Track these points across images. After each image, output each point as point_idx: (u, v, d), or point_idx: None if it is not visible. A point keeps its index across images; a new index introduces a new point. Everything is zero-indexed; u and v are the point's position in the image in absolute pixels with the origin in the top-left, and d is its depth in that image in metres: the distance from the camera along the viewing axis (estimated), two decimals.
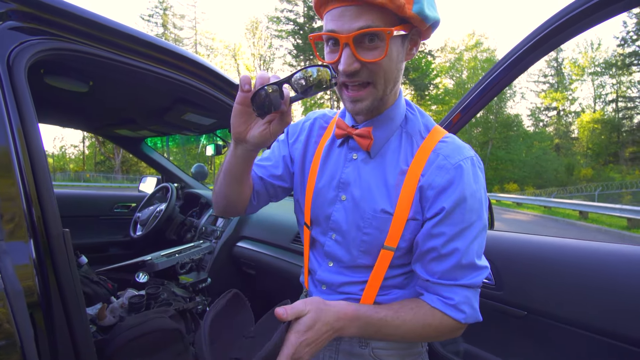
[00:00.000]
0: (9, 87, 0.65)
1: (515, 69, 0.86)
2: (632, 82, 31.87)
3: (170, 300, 1.04)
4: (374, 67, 0.53)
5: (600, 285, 0.68)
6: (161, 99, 1.36)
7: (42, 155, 0.67)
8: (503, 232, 0.95)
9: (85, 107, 1.58)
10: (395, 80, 0.58)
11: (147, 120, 1.73)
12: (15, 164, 0.60)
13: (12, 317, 0.51)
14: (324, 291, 0.69)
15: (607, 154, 33.04)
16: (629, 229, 8.68)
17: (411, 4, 0.50)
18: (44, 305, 0.60)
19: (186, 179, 2.57)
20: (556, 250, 0.78)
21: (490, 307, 0.88)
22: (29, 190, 0.62)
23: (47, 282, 0.61)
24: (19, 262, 0.55)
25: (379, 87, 0.56)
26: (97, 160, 35.85)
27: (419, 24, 0.53)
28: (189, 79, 1.04)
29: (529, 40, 0.82)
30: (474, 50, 34.77)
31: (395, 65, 0.56)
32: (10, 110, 0.64)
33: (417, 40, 0.59)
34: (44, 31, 0.74)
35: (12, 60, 0.67)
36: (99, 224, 2.34)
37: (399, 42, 0.54)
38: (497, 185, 29.38)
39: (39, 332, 0.56)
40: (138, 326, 0.86)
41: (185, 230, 2.15)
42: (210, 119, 1.57)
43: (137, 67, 0.91)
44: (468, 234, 0.56)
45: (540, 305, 0.77)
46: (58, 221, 0.65)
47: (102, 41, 0.84)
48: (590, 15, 0.72)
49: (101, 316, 0.94)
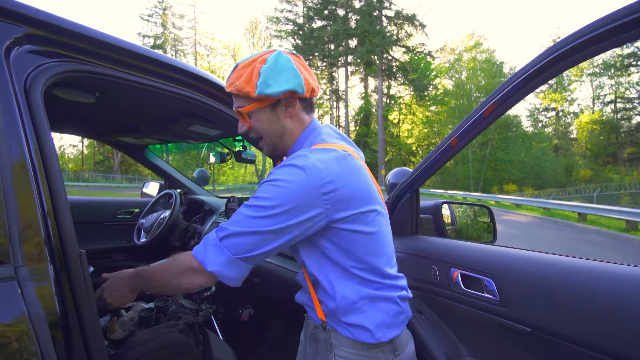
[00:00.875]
0: (26, 110, 0.67)
1: (510, 100, 0.88)
2: (630, 83, 31.96)
3: (179, 313, 1.06)
4: (254, 129, 0.79)
5: (605, 306, 0.70)
6: (168, 112, 1.37)
7: (59, 177, 0.69)
8: (508, 249, 0.96)
9: (91, 117, 1.59)
10: (277, 133, 0.79)
11: (153, 130, 1.75)
12: (34, 188, 0.62)
13: (37, 342, 0.52)
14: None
15: (605, 155, 33.14)
16: (627, 230, 8.73)
17: (254, 89, 0.72)
18: (63, 325, 0.61)
19: (189, 184, 2.59)
20: (562, 269, 0.80)
21: (494, 323, 0.89)
22: (47, 212, 0.63)
23: (65, 302, 0.62)
24: (40, 286, 0.57)
25: (267, 139, 0.80)
26: (96, 160, 35.81)
27: (268, 100, 0.74)
28: (196, 94, 1.05)
29: (524, 71, 0.84)
30: (473, 51, 34.79)
31: (268, 125, 0.78)
32: (28, 133, 0.65)
33: (290, 102, 0.77)
34: (60, 54, 0.75)
35: (30, 84, 0.69)
36: (103, 230, 2.35)
37: (267, 110, 0.76)
38: (496, 186, 29.41)
39: (59, 351, 0.58)
40: (150, 341, 0.87)
41: (189, 237, 2.16)
42: (216, 130, 1.58)
43: (147, 85, 0.93)
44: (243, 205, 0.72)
45: (545, 322, 0.79)
46: (75, 243, 0.67)
47: (114, 61, 0.85)
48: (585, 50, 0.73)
49: (112, 330, 0.95)
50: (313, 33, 33.06)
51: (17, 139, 0.62)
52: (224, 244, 0.68)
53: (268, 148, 0.83)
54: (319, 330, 0.81)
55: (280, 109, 0.77)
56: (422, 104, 34.76)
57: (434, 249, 1.12)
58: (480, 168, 31.17)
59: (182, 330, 0.97)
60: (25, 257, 0.56)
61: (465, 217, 1.75)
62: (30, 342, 0.52)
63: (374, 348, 0.75)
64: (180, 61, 1.03)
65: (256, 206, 0.67)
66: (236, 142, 1.85)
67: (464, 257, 1.03)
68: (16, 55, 0.68)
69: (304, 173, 0.66)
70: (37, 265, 0.58)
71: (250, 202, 0.69)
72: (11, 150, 0.60)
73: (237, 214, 0.69)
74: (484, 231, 1.59)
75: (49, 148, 0.68)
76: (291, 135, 0.80)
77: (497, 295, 0.89)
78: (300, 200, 0.66)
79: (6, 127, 0.61)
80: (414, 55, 32.83)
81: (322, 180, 0.67)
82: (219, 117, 1.12)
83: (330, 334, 0.78)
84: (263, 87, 0.71)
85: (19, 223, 0.56)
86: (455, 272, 1.03)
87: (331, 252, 0.73)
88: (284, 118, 0.78)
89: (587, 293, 0.73)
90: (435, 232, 1.28)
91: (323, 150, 0.71)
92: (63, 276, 0.63)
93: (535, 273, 0.83)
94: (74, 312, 0.64)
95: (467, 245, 1.08)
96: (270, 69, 0.72)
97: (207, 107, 1.09)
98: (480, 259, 0.98)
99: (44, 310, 0.55)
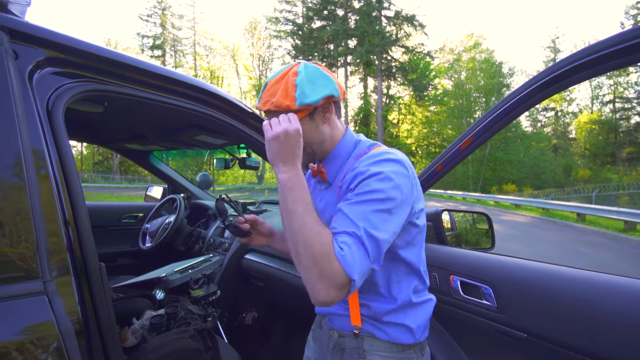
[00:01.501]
0: (49, 130, 0.70)
1: (508, 116, 0.93)
2: (629, 83, 32.10)
3: (188, 319, 1.10)
4: None
5: (597, 314, 0.74)
6: (176, 124, 1.41)
7: (79, 190, 0.72)
8: (506, 257, 1.00)
9: (99, 126, 1.63)
10: (318, 140, 0.80)
11: (159, 139, 1.79)
12: (57, 204, 0.66)
13: (65, 352, 0.56)
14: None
15: (604, 155, 33.24)
16: (626, 231, 8.78)
17: (293, 101, 0.72)
18: (86, 335, 0.65)
19: (192, 188, 2.62)
20: (557, 278, 0.84)
21: (492, 329, 0.93)
22: (70, 229, 0.67)
23: (87, 313, 0.66)
24: (66, 299, 0.60)
25: (307, 149, 0.79)
26: (95, 160, 35.78)
27: (308, 109, 0.75)
28: (203, 107, 1.09)
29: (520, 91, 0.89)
30: (472, 51, 34.85)
31: (310, 135, 0.77)
32: (51, 152, 0.69)
33: (327, 108, 0.79)
34: (79, 74, 0.79)
35: (52, 104, 0.73)
36: (107, 234, 2.38)
37: (307, 120, 0.76)
38: (495, 186, 29.48)
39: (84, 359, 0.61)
40: (162, 347, 0.91)
41: (194, 242, 2.20)
42: (221, 140, 1.62)
43: (157, 101, 0.96)
44: (355, 202, 0.66)
45: (540, 329, 0.83)
46: (95, 257, 0.70)
47: (127, 79, 0.89)
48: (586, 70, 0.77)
49: (123, 338, 0.99)
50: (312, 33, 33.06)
51: (41, 155, 0.66)
52: (366, 248, 0.61)
53: (307, 157, 0.81)
54: (346, 339, 0.80)
55: (318, 116, 0.78)
56: (422, 104, 34.79)
57: (434, 256, 1.16)
58: (479, 168, 31.23)
59: (192, 336, 1.00)
60: (52, 271, 0.60)
61: (464, 222, 1.79)
62: (60, 352, 0.56)
63: (408, 349, 0.78)
64: (187, 75, 1.07)
65: (375, 200, 0.64)
66: (240, 149, 1.89)
67: (463, 265, 1.07)
68: (39, 78, 0.72)
69: (402, 166, 0.70)
70: (63, 278, 0.62)
71: (363, 197, 0.65)
72: (37, 167, 0.64)
73: (359, 211, 0.64)
74: (483, 236, 1.63)
75: (70, 164, 0.71)
76: (331, 141, 0.82)
77: (494, 302, 0.93)
78: (406, 192, 0.68)
79: (32, 146, 0.64)
80: (413, 55, 32.86)
81: (412, 172, 0.72)
82: (226, 129, 1.16)
83: (364, 340, 0.78)
84: (302, 97, 0.72)
85: (46, 239, 0.60)
86: (454, 279, 1.07)
87: (402, 249, 0.75)
88: (322, 125, 0.79)
89: (580, 302, 0.77)
90: (435, 239, 1.32)
91: (395, 150, 0.75)
92: (85, 288, 0.67)
93: (532, 281, 0.88)
94: (95, 322, 0.68)
95: (467, 253, 1.12)
96: (305, 79, 0.73)
97: (214, 120, 1.13)
98: (479, 267, 1.02)
99: (70, 320, 0.59)
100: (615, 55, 0.73)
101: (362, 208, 0.64)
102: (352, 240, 0.61)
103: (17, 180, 0.60)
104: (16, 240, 0.57)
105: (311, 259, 0.60)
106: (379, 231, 0.63)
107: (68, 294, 0.62)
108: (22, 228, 0.58)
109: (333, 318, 0.84)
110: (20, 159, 0.61)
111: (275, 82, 0.75)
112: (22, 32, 0.69)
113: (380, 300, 0.77)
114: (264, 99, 0.75)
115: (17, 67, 0.67)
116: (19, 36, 0.69)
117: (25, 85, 0.69)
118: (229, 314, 1.88)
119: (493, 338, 0.95)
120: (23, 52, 0.70)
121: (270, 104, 0.74)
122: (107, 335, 0.70)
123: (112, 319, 0.73)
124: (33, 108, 0.69)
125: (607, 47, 0.74)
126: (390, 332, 0.76)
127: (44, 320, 0.56)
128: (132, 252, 2.38)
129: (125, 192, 20.39)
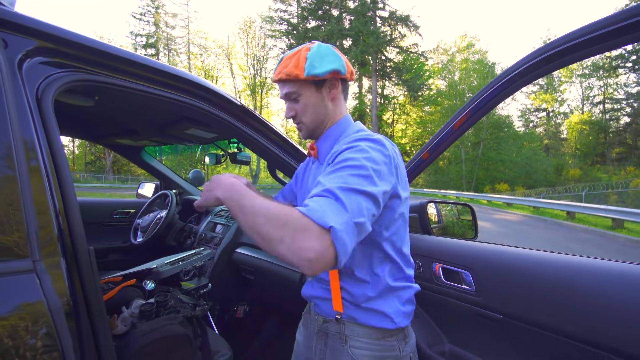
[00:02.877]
0: (38, 117, 0.72)
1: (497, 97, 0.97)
2: (618, 84, 32.65)
3: (178, 307, 1.12)
4: (299, 112, 0.86)
5: (566, 294, 0.78)
6: (166, 117, 1.42)
7: (69, 178, 0.74)
8: (485, 244, 1.04)
9: (90, 120, 1.64)
10: (321, 114, 0.86)
11: (150, 133, 1.80)
12: (47, 189, 0.67)
13: (55, 330, 0.58)
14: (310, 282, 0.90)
15: (594, 155, 33.79)
16: (613, 228, 8.96)
17: (302, 71, 0.79)
18: (75, 315, 0.67)
19: (184, 185, 2.63)
20: (530, 261, 0.88)
21: (470, 311, 0.97)
22: (59, 211, 0.69)
23: (75, 296, 0.68)
24: (55, 279, 0.62)
25: (306, 122, 0.87)
26: (88, 160, 35.34)
27: (315, 79, 0.81)
28: (194, 100, 1.11)
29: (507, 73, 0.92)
30: (465, 52, 35.18)
31: (314, 107, 0.84)
32: (41, 139, 0.71)
33: (334, 84, 0.85)
34: (68, 64, 0.81)
35: (41, 93, 0.74)
36: (99, 230, 2.38)
37: (313, 91, 0.83)
38: (488, 186, 29.79)
39: (74, 339, 0.63)
40: (151, 332, 0.93)
41: (185, 237, 2.21)
42: (212, 134, 1.64)
43: (147, 92, 0.98)
44: (329, 172, 0.66)
45: (514, 310, 0.87)
46: (84, 240, 0.72)
47: (118, 70, 0.91)
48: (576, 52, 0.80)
49: (113, 326, 1.00)
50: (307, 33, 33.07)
51: (31, 144, 0.67)
52: (341, 201, 0.58)
53: (306, 131, 0.88)
54: (329, 324, 0.83)
55: (325, 91, 0.84)
56: (416, 104, 35.01)
57: (418, 245, 1.20)
58: (472, 168, 31.54)
59: (182, 322, 1.02)
60: (41, 251, 0.62)
61: (451, 215, 1.83)
62: (50, 329, 0.58)
63: (389, 337, 0.79)
64: (177, 68, 1.09)
65: (349, 166, 0.64)
66: (231, 144, 1.91)
67: (445, 252, 1.11)
68: (28, 67, 0.74)
69: (379, 144, 0.71)
70: (52, 259, 0.63)
71: (337, 166, 0.66)
72: (27, 155, 0.65)
73: (334, 177, 0.62)
74: (468, 229, 1.68)
75: (59, 152, 0.73)
76: (332, 118, 0.88)
77: (473, 286, 0.97)
78: (383, 165, 0.68)
79: (22, 134, 0.66)
80: (407, 55, 33.07)
81: (393, 152, 0.74)
82: (215, 122, 1.18)
83: (345, 325, 0.80)
84: (310, 68, 0.79)
85: (35, 221, 0.62)
86: (437, 266, 1.11)
87: (379, 235, 0.75)
88: (328, 100, 0.85)
89: (550, 282, 0.81)
90: (420, 230, 1.35)
91: (378, 134, 0.76)
92: (74, 270, 0.69)
93: (506, 265, 0.92)
94: (84, 303, 0.70)
95: (449, 242, 1.16)
96: (315, 54, 0.80)
97: (204, 113, 1.15)
98: (460, 254, 1.06)
99: (60, 301, 0.61)
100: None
101: (335, 175, 0.63)
102: (320, 197, 0.59)
103: (7, 165, 0.62)
104: (5, 220, 0.59)
105: (278, 228, 0.55)
106: (353, 185, 0.60)
107: (57, 274, 0.64)
108: (11, 208, 0.60)
109: (317, 302, 0.86)
110: (10, 146, 0.63)
111: (289, 56, 0.83)
112: (11, 22, 0.71)
113: (359, 286, 0.78)
114: (278, 71, 0.83)
115: (7, 56, 0.69)
116: (8, 26, 0.71)
117: (14, 74, 0.70)
118: (220, 307, 1.90)
119: (472, 321, 0.99)
120: (12, 42, 0.72)
121: (282, 73, 0.81)
122: (97, 318, 0.71)
123: (101, 302, 0.74)
124: (23, 96, 0.70)
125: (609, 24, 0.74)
126: (370, 318, 0.77)
127: (34, 300, 0.57)
128: (123, 248, 2.39)
129: (117, 191, 20.18)
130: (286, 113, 0.88)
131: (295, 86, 0.83)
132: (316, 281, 0.87)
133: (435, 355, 1.02)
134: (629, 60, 30.19)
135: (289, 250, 0.54)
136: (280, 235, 0.55)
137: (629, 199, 13.57)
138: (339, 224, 0.54)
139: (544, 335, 0.80)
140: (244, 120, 1.22)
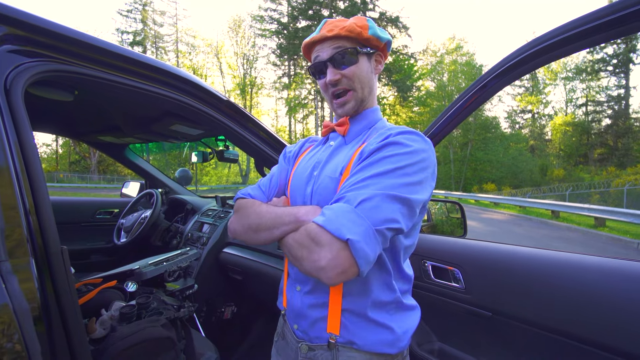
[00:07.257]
0: (7, 109, 0.68)
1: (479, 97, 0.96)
2: (600, 87, 33.62)
3: (161, 309, 1.07)
4: (350, 77, 0.72)
5: (553, 290, 0.78)
6: (149, 112, 1.37)
7: (41, 175, 0.70)
8: (474, 241, 1.04)
9: (69, 116, 1.57)
10: (368, 86, 0.75)
11: (133, 129, 1.74)
12: (16, 186, 0.63)
13: (21, 334, 0.54)
14: (298, 292, 0.74)
15: (577, 155, 34.72)
16: (596, 227, 9.22)
17: (367, 30, 0.71)
18: (45, 319, 0.63)
19: (170, 184, 2.57)
20: (517, 258, 0.87)
21: (460, 309, 0.97)
22: (28, 209, 0.65)
23: (46, 298, 0.64)
24: (23, 280, 0.58)
25: (358, 90, 0.74)
26: (72, 159, 34.40)
27: (376, 43, 0.72)
28: (177, 94, 1.07)
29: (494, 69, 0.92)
30: (454, 54, 35.70)
31: (366, 75, 0.73)
32: (9, 131, 0.66)
33: (380, 59, 0.77)
34: (40, 53, 0.76)
35: (10, 83, 0.70)
36: (81, 230, 2.30)
37: (366, 58, 0.73)
38: (476, 185, 30.31)
39: (43, 344, 0.59)
40: (131, 335, 0.89)
41: (171, 237, 2.15)
42: (198, 130, 1.59)
43: (127, 85, 0.94)
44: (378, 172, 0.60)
45: (503, 307, 0.86)
46: (57, 239, 0.68)
47: (94, 61, 0.86)
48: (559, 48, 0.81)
49: (91, 329, 0.96)
50: (297, 33, 32.97)
51: None
52: (361, 211, 0.55)
53: (355, 102, 0.75)
54: (317, 352, 0.68)
55: (373, 63, 0.76)
56: (406, 105, 35.31)
57: None
58: (461, 168, 32.05)
59: (164, 325, 0.98)
60: (8, 252, 0.58)
61: (440, 213, 1.83)
62: (15, 334, 0.54)
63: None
64: (160, 61, 1.05)
65: (398, 168, 0.59)
66: (218, 142, 1.87)
67: (434, 250, 1.10)
68: None
69: (430, 145, 0.66)
70: (20, 260, 0.59)
71: (376, 166, 0.60)
72: None
73: (364, 178, 0.58)
74: (457, 226, 1.68)
75: (30, 147, 0.69)
76: (372, 98, 0.78)
77: (462, 284, 0.96)
78: (430, 174, 0.64)
79: None
80: (397, 56, 33.34)
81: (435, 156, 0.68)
82: (200, 117, 1.14)
83: (339, 352, 0.66)
84: (375, 29, 0.72)
85: (1, 220, 0.58)
86: (427, 263, 1.10)
87: (398, 242, 0.67)
88: (373, 74, 0.76)
89: (539, 279, 0.81)
90: None
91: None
92: (45, 271, 0.64)
93: (496, 262, 0.91)
94: (56, 306, 0.65)
95: (438, 239, 1.15)
96: (371, 22, 0.73)
97: (189, 108, 1.11)
98: (450, 251, 1.05)
99: (27, 304, 0.57)
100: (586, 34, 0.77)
101: (377, 174, 0.59)
102: (339, 204, 0.57)
103: None
104: None
105: (300, 237, 0.58)
106: (393, 191, 0.56)
107: (26, 276, 0.59)
108: None
109: (304, 325, 0.70)
110: None
111: (341, 19, 0.73)
112: None
113: (366, 299, 0.66)
114: (329, 28, 0.71)
115: None
116: None
117: None
118: (207, 309, 1.85)
119: (462, 319, 0.98)
120: None
121: (340, 28, 0.70)
122: (71, 321, 0.67)
123: (76, 304, 0.70)
124: None
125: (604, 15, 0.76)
126: (372, 337, 0.65)
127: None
128: (106, 249, 2.31)
129: (103, 192, 19.70)
130: (329, 77, 0.72)
131: (352, 45, 0.71)
132: (305, 293, 0.71)
133: (425, 354, 1.01)
134: (609, 64, 31.18)
135: (308, 265, 0.56)
136: (301, 253, 0.57)
137: (610, 199, 13.99)
138: (357, 235, 0.53)
139: (533, 332, 0.80)
140: (230, 115, 1.19)
